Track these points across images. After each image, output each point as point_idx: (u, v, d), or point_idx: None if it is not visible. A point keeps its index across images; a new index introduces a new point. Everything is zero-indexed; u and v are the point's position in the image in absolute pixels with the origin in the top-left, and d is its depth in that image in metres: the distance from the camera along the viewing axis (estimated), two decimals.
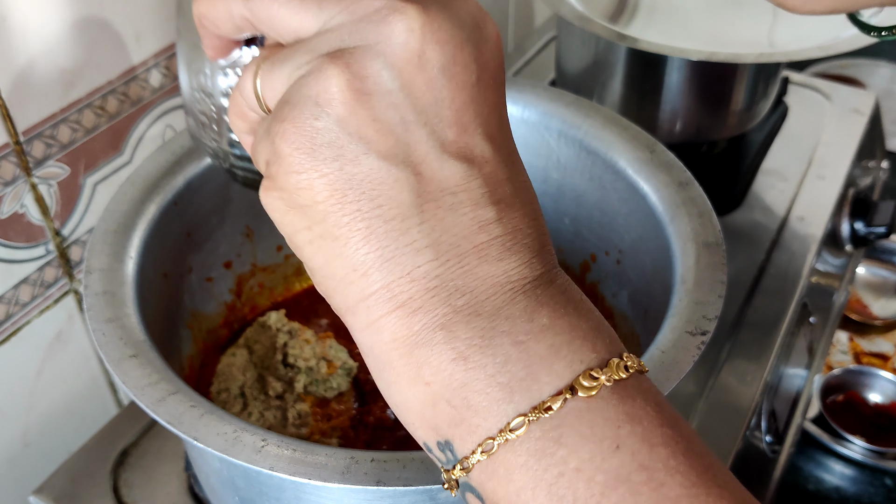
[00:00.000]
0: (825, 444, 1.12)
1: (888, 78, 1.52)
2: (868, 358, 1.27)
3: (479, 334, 0.28)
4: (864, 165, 0.94)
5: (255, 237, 0.65)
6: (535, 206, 0.31)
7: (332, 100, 0.28)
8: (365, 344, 0.30)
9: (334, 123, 0.28)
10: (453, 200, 0.28)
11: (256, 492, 0.46)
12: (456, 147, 0.29)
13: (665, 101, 0.82)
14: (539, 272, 0.29)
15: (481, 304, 0.28)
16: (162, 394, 0.43)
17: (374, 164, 0.28)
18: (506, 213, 0.29)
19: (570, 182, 0.63)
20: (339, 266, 0.29)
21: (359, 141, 0.28)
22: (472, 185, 0.29)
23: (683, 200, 0.54)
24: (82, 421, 0.70)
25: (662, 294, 0.51)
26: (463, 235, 0.28)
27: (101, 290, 0.48)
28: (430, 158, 0.28)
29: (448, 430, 0.29)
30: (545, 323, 0.28)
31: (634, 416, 0.28)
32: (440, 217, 0.28)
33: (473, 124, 0.29)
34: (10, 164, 0.57)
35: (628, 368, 0.28)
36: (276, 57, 0.30)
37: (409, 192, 0.28)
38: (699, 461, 0.28)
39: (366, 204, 0.28)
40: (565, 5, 0.80)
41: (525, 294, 0.29)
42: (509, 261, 0.29)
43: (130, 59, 0.62)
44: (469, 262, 0.28)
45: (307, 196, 0.29)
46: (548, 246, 0.30)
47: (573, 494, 0.27)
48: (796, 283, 0.77)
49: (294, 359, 0.62)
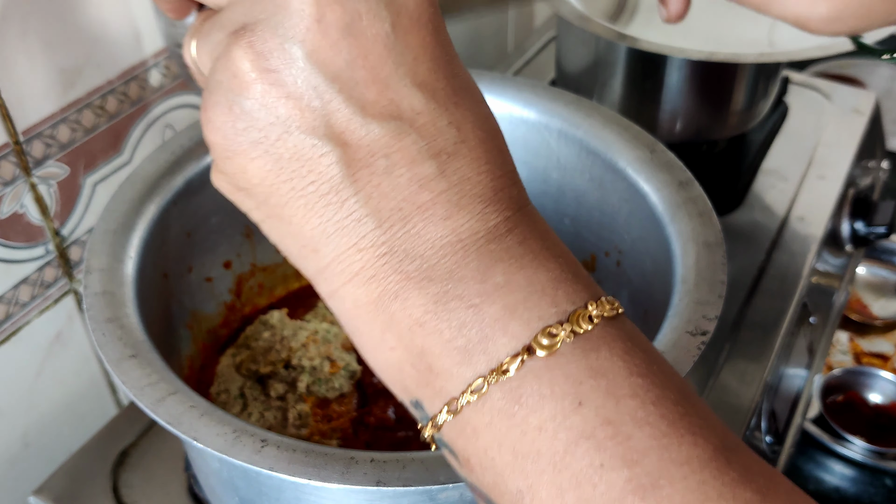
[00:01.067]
0: (825, 444, 1.12)
1: (888, 78, 1.52)
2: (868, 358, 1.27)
3: (433, 300, 0.27)
4: (864, 165, 0.94)
5: (255, 237, 0.65)
6: (490, 144, 0.29)
7: (242, 83, 0.27)
8: (334, 310, 0.30)
9: (249, 107, 0.28)
10: (386, 163, 0.27)
11: (256, 492, 0.46)
12: (379, 107, 0.28)
13: (665, 101, 0.82)
14: (494, 221, 0.28)
15: (432, 269, 0.28)
16: (161, 394, 0.43)
17: (298, 141, 0.27)
18: (449, 164, 0.28)
19: (570, 182, 0.62)
20: (291, 243, 0.29)
21: (277, 120, 0.27)
22: (405, 141, 0.27)
23: (683, 200, 0.54)
24: (82, 421, 0.70)
25: (662, 294, 0.51)
26: (403, 198, 0.27)
27: (100, 290, 0.48)
28: (353, 125, 0.27)
29: (416, 391, 0.29)
30: (499, 281, 0.28)
31: (598, 369, 0.27)
32: (375, 183, 0.27)
33: (395, 76, 0.28)
34: (10, 164, 0.57)
35: (593, 318, 0.28)
36: (202, 30, 0.30)
37: (338, 163, 0.27)
38: (672, 409, 0.27)
39: (299, 182, 0.28)
40: (565, 5, 0.80)
41: (477, 251, 0.28)
42: (457, 217, 0.28)
43: (130, 59, 0.62)
44: (415, 225, 0.28)
45: (244, 179, 0.29)
46: (506, 187, 0.29)
47: (537, 452, 0.26)
48: (796, 283, 0.77)
49: (298, 358, 0.62)
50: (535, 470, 0.26)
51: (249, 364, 0.62)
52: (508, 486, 0.27)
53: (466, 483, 0.30)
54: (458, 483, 0.39)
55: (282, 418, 0.59)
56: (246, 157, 0.28)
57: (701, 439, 0.26)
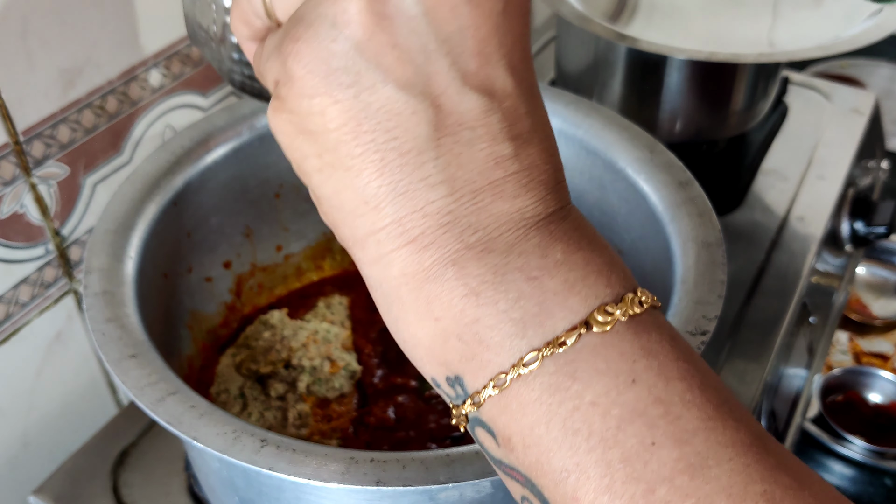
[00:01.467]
0: (825, 444, 1.12)
1: (888, 78, 1.52)
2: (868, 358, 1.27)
3: (492, 270, 0.27)
4: (864, 165, 0.94)
5: (255, 237, 0.65)
6: (552, 142, 0.30)
7: (351, 21, 0.26)
8: (373, 277, 0.29)
9: (352, 47, 0.27)
10: (471, 135, 0.27)
11: (256, 492, 0.46)
12: (478, 79, 0.27)
13: (665, 101, 0.82)
14: (553, 208, 0.29)
15: (494, 241, 0.27)
16: (161, 394, 0.43)
17: (392, 94, 0.27)
18: (523, 148, 0.28)
19: (570, 182, 0.62)
20: (348, 197, 0.28)
21: (377, 68, 0.27)
22: (492, 119, 0.27)
23: (683, 200, 0.54)
24: (82, 421, 0.70)
25: (662, 294, 0.51)
26: (479, 171, 0.27)
27: (100, 290, 0.48)
28: (451, 91, 0.27)
29: (459, 366, 0.28)
30: (559, 258, 0.28)
31: (650, 350, 0.27)
32: (457, 152, 0.27)
33: (497, 55, 0.28)
34: (10, 164, 0.57)
35: (643, 303, 0.28)
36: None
37: (427, 124, 0.27)
38: (715, 395, 0.27)
39: (381, 135, 0.27)
40: (565, 5, 0.80)
41: (538, 230, 0.28)
42: (524, 197, 0.28)
43: (130, 59, 0.62)
44: (483, 199, 0.27)
45: (319, 122, 0.28)
46: (562, 182, 0.30)
47: (588, 428, 0.26)
48: (796, 283, 0.77)
49: (298, 358, 0.62)
50: (585, 447, 0.26)
51: (249, 364, 0.62)
52: (553, 465, 0.27)
53: (500, 465, 0.29)
54: (458, 483, 0.39)
55: (282, 418, 0.59)
56: (331, 98, 0.27)
57: (742, 425, 0.27)
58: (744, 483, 0.25)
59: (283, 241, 0.67)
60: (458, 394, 0.29)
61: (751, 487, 0.25)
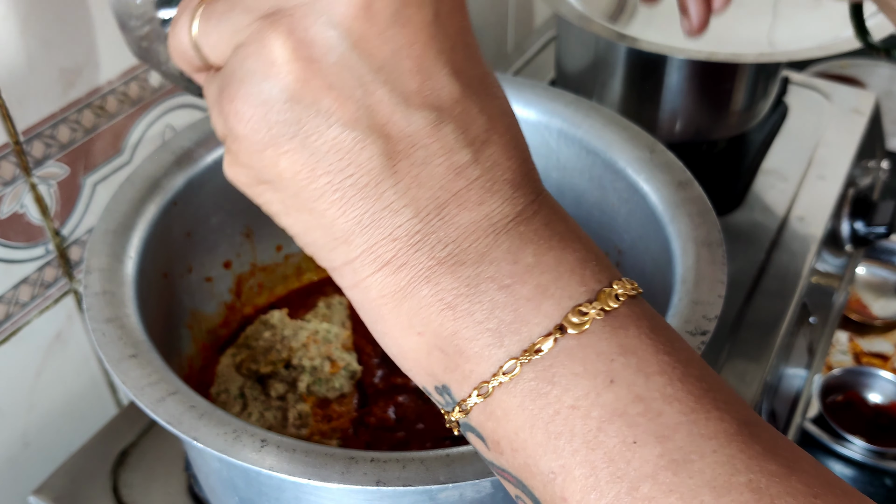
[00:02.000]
0: (825, 444, 1.12)
1: (888, 78, 1.52)
2: (868, 358, 1.27)
3: (465, 283, 0.27)
4: (864, 165, 0.94)
5: (255, 237, 0.65)
6: (515, 131, 0.29)
7: (280, 72, 0.26)
8: (355, 300, 0.29)
9: (287, 98, 0.26)
10: (425, 153, 0.27)
11: (256, 492, 0.46)
12: (421, 97, 0.27)
13: (665, 101, 0.82)
14: (521, 205, 0.28)
15: (464, 252, 0.27)
16: (161, 394, 0.43)
17: (338, 134, 0.26)
18: (482, 151, 0.28)
19: (570, 182, 0.62)
20: (319, 235, 0.28)
21: (317, 113, 0.26)
22: (444, 131, 0.27)
23: (683, 200, 0.54)
24: (82, 421, 0.70)
25: (662, 294, 0.51)
26: (440, 186, 0.27)
27: (100, 290, 0.48)
28: (397, 116, 0.27)
29: (444, 376, 0.29)
30: (530, 262, 0.28)
31: (628, 346, 0.27)
32: (414, 174, 0.27)
33: (437, 65, 0.27)
34: (10, 164, 0.57)
35: (619, 297, 0.28)
36: (214, 9, 0.28)
37: (379, 156, 0.27)
38: (697, 385, 0.27)
39: (336, 175, 0.27)
40: (565, 5, 0.80)
41: (508, 234, 0.28)
42: (490, 202, 0.28)
43: (130, 59, 0.62)
44: (449, 212, 0.27)
45: (273, 172, 0.28)
46: (531, 171, 0.29)
47: (570, 431, 0.26)
48: (796, 283, 0.77)
49: (298, 358, 0.62)
50: (568, 449, 0.26)
51: (249, 364, 0.62)
52: (540, 467, 0.27)
53: (493, 467, 0.30)
54: (458, 483, 0.39)
55: (282, 418, 0.59)
56: (278, 151, 0.27)
57: (726, 414, 0.27)
58: (728, 474, 0.25)
59: (284, 240, 0.67)
60: (447, 401, 0.29)
61: (735, 478, 0.25)
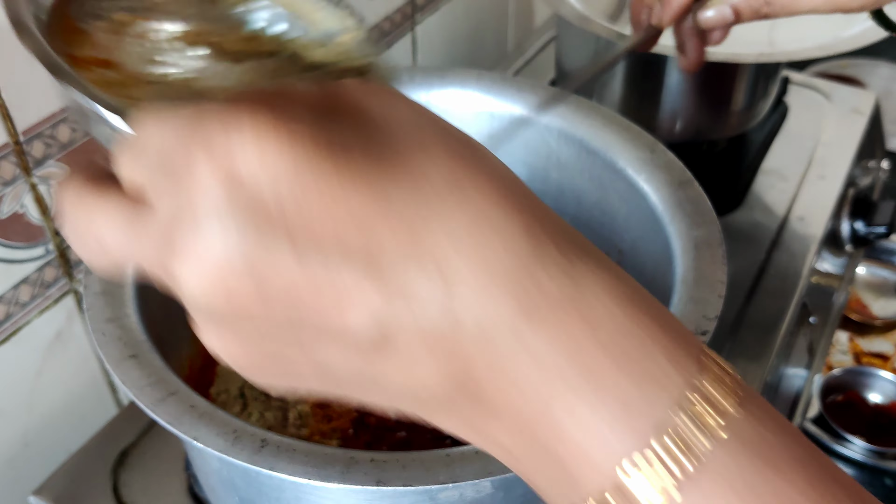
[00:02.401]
0: (825, 444, 1.12)
1: (888, 78, 1.52)
2: (868, 358, 1.27)
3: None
4: (864, 165, 0.94)
5: None
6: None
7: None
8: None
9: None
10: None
11: (256, 492, 0.46)
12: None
13: (665, 101, 0.82)
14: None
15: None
16: (161, 394, 0.43)
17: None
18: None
19: (570, 182, 0.63)
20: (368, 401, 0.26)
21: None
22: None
23: (683, 200, 0.54)
24: (82, 421, 0.70)
25: (662, 294, 0.51)
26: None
27: (100, 290, 0.48)
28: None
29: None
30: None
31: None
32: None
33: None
34: (10, 164, 0.57)
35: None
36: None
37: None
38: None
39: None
40: (565, 5, 0.80)
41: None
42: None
43: None
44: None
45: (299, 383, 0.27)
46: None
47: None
48: (796, 283, 0.77)
49: None
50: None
51: None
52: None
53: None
54: (458, 483, 0.39)
55: (282, 418, 0.59)
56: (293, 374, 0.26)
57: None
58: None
59: None
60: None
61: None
